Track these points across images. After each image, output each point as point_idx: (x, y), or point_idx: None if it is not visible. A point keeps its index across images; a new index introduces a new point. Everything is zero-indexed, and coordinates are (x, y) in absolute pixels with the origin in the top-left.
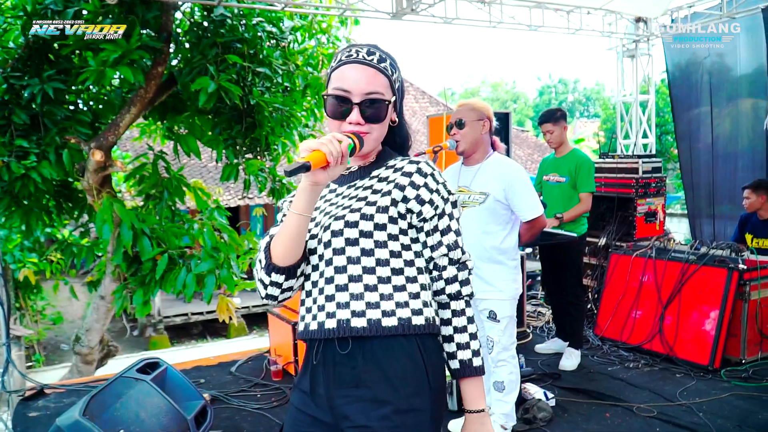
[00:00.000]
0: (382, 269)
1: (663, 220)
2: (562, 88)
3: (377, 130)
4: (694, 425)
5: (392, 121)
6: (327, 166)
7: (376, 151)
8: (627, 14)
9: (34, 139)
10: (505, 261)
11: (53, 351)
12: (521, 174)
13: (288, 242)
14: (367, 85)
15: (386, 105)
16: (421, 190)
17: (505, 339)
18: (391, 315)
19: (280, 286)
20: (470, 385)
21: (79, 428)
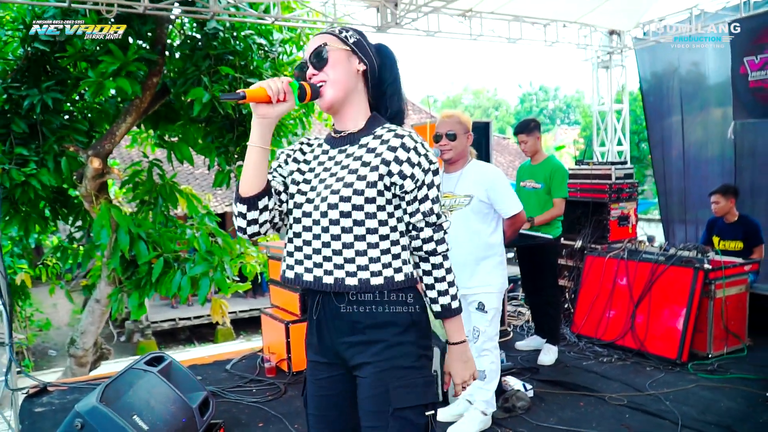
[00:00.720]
0: (371, 236)
1: (635, 224)
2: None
3: (332, 74)
4: (661, 412)
5: (358, 70)
6: (270, 102)
7: (365, 116)
8: (601, 27)
9: (33, 147)
10: (492, 256)
11: (41, 357)
12: (500, 176)
13: (248, 173)
14: (313, 45)
15: (326, 48)
16: (403, 165)
17: (491, 330)
18: (378, 275)
19: (244, 217)
20: (452, 323)
21: (96, 413)
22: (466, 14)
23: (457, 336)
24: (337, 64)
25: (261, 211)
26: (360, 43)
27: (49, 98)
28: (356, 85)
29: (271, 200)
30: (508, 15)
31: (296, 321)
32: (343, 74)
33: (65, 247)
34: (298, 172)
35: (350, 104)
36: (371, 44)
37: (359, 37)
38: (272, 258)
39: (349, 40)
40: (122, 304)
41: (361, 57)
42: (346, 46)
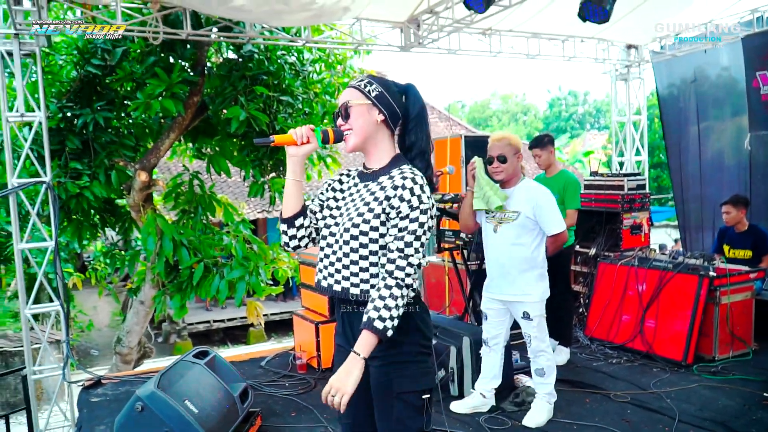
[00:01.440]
0: (372, 257)
1: (648, 233)
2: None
3: (354, 125)
4: (661, 409)
5: (378, 120)
6: (296, 144)
7: (387, 157)
8: (618, 42)
9: (86, 161)
10: (534, 269)
11: (84, 356)
12: (548, 197)
13: (286, 199)
14: (343, 98)
15: (349, 105)
16: (393, 199)
17: (540, 334)
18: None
19: (286, 233)
20: (366, 336)
21: (154, 397)
22: (486, 32)
23: (361, 348)
24: (358, 117)
25: (298, 228)
26: (381, 95)
27: (100, 117)
28: (376, 132)
29: (306, 219)
30: (527, 32)
31: (325, 321)
32: (363, 125)
33: (113, 252)
34: (333, 199)
35: (373, 146)
36: (398, 89)
37: (381, 90)
38: (303, 263)
39: (372, 94)
40: (165, 306)
41: (380, 109)
42: (367, 100)
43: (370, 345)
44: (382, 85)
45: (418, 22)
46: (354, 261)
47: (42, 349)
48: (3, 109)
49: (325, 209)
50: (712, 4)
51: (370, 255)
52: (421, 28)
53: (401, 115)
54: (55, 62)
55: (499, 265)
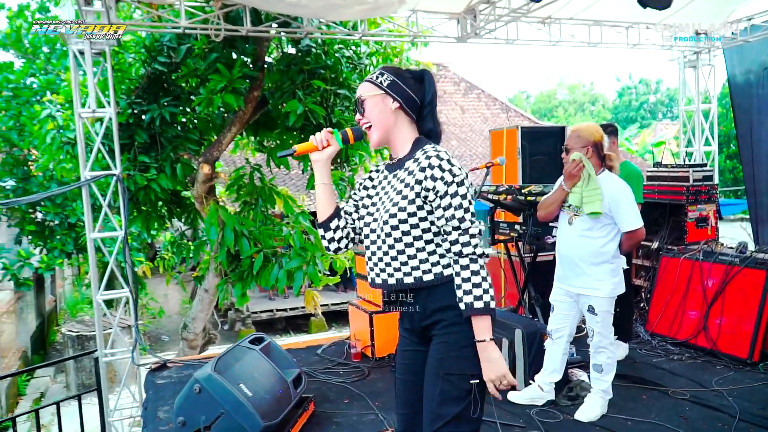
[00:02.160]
0: (417, 242)
1: (715, 225)
2: (643, 88)
3: (371, 119)
4: (721, 406)
5: (393, 108)
6: (317, 149)
7: (409, 143)
8: (686, 28)
9: (153, 155)
10: (604, 263)
11: (155, 342)
12: (625, 192)
13: (318, 204)
14: (359, 92)
15: (363, 99)
16: (427, 180)
17: (604, 331)
18: (429, 273)
19: (324, 237)
20: (476, 321)
21: (211, 380)
22: (545, 21)
23: (480, 334)
24: (373, 108)
25: (334, 230)
26: (394, 83)
27: (166, 112)
28: (396, 120)
29: (341, 221)
30: (588, 20)
31: (379, 312)
32: (380, 116)
33: (179, 242)
34: (366, 197)
35: (395, 136)
36: (413, 75)
37: (394, 78)
38: (358, 254)
39: (384, 83)
40: (228, 294)
41: (394, 96)
42: (380, 91)
43: (486, 325)
44: (395, 74)
45: (474, 12)
46: (400, 251)
47: (113, 334)
48: (76, 106)
49: (360, 209)
50: None
51: (415, 241)
52: (478, 19)
53: (418, 100)
54: (125, 60)
55: (569, 257)
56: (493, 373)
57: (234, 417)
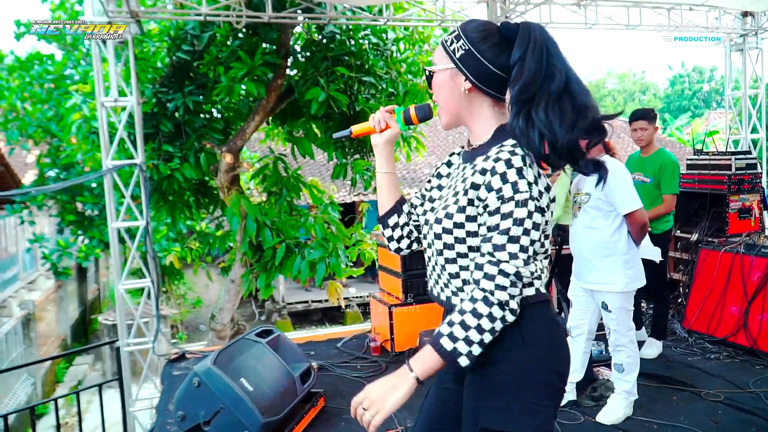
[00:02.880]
0: (462, 260)
1: (759, 216)
2: (696, 77)
3: (438, 98)
4: (756, 410)
5: (466, 90)
6: (375, 132)
7: (488, 131)
8: (732, 9)
9: (178, 144)
10: (615, 255)
11: (193, 331)
12: (616, 172)
13: (378, 194)
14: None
15: (431, 73)
16: (481, 189)
17: (621, 328)
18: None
19: (384, 235)
20: (427, 353)
21: (210, 374)
22: (581, 3)
23: (415, 362)
24: (440, 88)
25: (393, 228)
26: (468, 54)
27: (190, 101)
28: (470, 102)
29: (402, 217)
30: (627, 1)
31: (399, 305)
32: (447, 97)
33: (205, 232)
34: (436, 189)
35: (470, 119)
36: (503, 36)
37: (469, 46)
38: (381, 246)
39: (456, 53)
40: (252, 284)
41: (466, 74)
42: (450, 63)
43: (429, 365)
44: (477, 37)
45: None
46: (442, 264)
47: (135, 324)
48: (98, 94)
49: (426, 202)
50: None
51: (459, 258)
52: (508, 1)
53: (507, 72)
54: (148, 49)
55: (578, 251)
56: (379, 399)
57: (233, 412)
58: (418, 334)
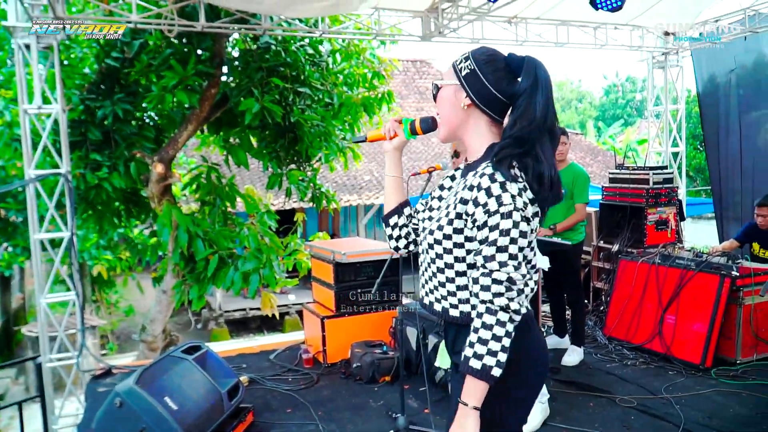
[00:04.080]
0: (448, 271)
1: (675, 228)
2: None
3: (440, 110)
4: (667, 415)
5: (463, 105)
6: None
7: (481, 148)
8: (654, 28)
9: (106, 153)
10: None
11: (125, 341)
12: None
13: (386, 196)
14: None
15: (438, 86)
16: (469, 204)
17: None
18: (455, 308)
19: (386, 232)
20: (468, 380)
21: (132, 393)
22: (512, 21)
23: (465, 395)
24: (443, 102)
25: (393, 227)
26: (472, 74)
27: (119, 109)
28: (467, 118)
29: (401, 219)
30: (555, 20)
31: (331, 316)
32: (449, 111)
33: (135, 242)
34: (437, 200)
35: (466, 135)
36: (510, 64)
37: (475, 67)
38: (314, 257)
39: (462, 72)
40: (185, 296)
41: (467, 91)
42: (455, 80)
43: (478, 391)
44: (483, 60)
45: (438, 10)
46: (433, 273)
47: (59, 338)
48: (21, 101)
49: (426, 210)
50: None
51: (446, 268)
52: (441, 17)
53: (506, 97)
54: (75, 55)
55: None
56: None
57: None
58: (349, 346)
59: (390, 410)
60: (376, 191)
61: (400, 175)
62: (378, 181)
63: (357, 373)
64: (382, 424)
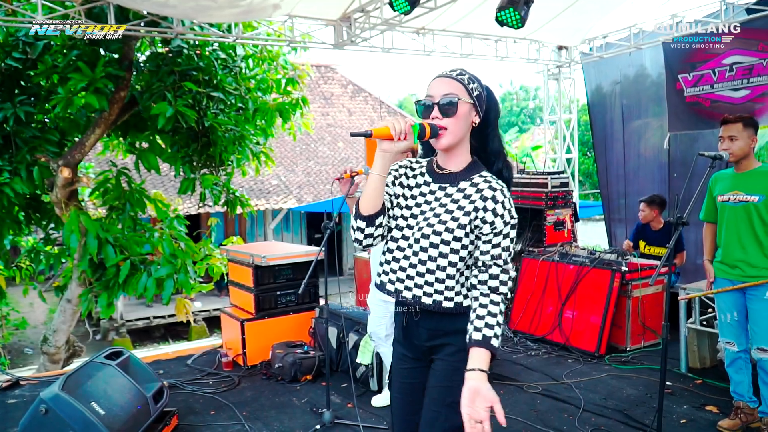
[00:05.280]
0: (450, 268)
1: (571, 228)
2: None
3: (453, 124)
4: (568, 398)
5: (474, 123)
6: (392, 140)
7: (466, 161)
8: (549, 43)
9: (7, 157)
10: None
11: (17, 355)
12: None
13: (370, 195)
14: (444, 89)
15: (457, 101)
16: (487, 213)
17: None
18: (450, 300)
19: (362, 231)
20: (483, 353)
21: (58, 400)
22: (420, 32)
23: (483, 364)
24: (461, 118)
25: (376, 227)
26: (480, 97)
27: (21, 111)
28: (467, 135)
29: (384, 218)
30: (460, 32)
31: (251, 319)
32: (463, 127)
33: (38, 249)
34: (402, 197)
35: (458, 148)
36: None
37: (480, 90)
38: (231, 261)
39: (474, 93)
40: (92, 304)
41: (478, 111)
42: (471, 100)
43: (489, 359)
44: (479, 83)
45: (350, 20)
46: (430, 270)
47: None
48: None
49: (395, 207)
50: (637, 9)
51: (449, 267)
52: (353, 26)
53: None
54: None
55: None
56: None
57: None
58: (270, 347)
59: (314, 406)
60: (284, 195)
61: (385, 175)
62: (285, 185)
63: (279, 373)
64: (308, 420)
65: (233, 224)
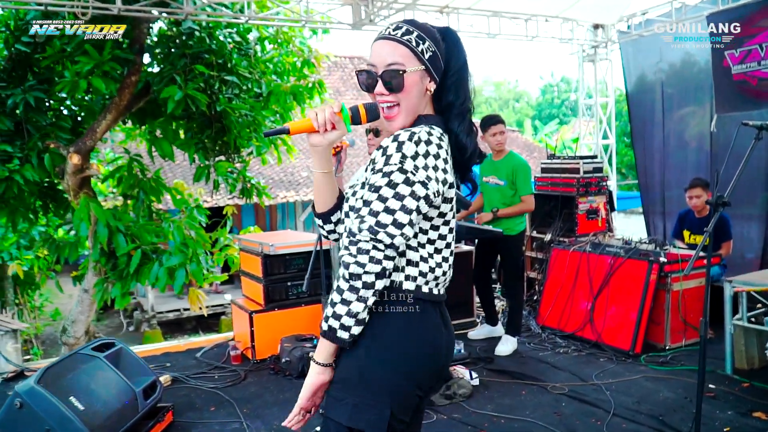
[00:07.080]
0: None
1: (605, 217)
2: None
3: (404, 100)
4: (597, 401)
5: (428, 90)
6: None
7: (411, 121)
8: (584, 21)
9: (18, 144)
10: None
11: (51, 345)
12: None
13: (316, 193)
14: (387, 57)
15: (402, 74)
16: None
17: None
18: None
19: (323, 228)
20: (320, 343)
21: (33, 393)
22: (443, 10)
23: (317, 355)
24: (412, 89)
25: (335, 223)
26: (435, 57)
27: (31, 97)
28: (422, 104)
29: (342, 213)
30: (487, 10)
31: (260, 311)
32: (416, 99)
33: (53, 238)
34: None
35: (413, 120)
36: (440, 37)
37: (435, 49)
38: (243, 250)
39: (426, 55)
40: (107, 294)
41: (433, 76)
42: (421, 66)
43: (323, 348)
44: (432, 39)
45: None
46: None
47: None
48: None
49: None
50: None
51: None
52: (372, 5)
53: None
54: None
55: None
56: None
57: None
58: (279, 341)
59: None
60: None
61: (331, 170)
62: None
63: (286, 368)
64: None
65: (263, 217)
